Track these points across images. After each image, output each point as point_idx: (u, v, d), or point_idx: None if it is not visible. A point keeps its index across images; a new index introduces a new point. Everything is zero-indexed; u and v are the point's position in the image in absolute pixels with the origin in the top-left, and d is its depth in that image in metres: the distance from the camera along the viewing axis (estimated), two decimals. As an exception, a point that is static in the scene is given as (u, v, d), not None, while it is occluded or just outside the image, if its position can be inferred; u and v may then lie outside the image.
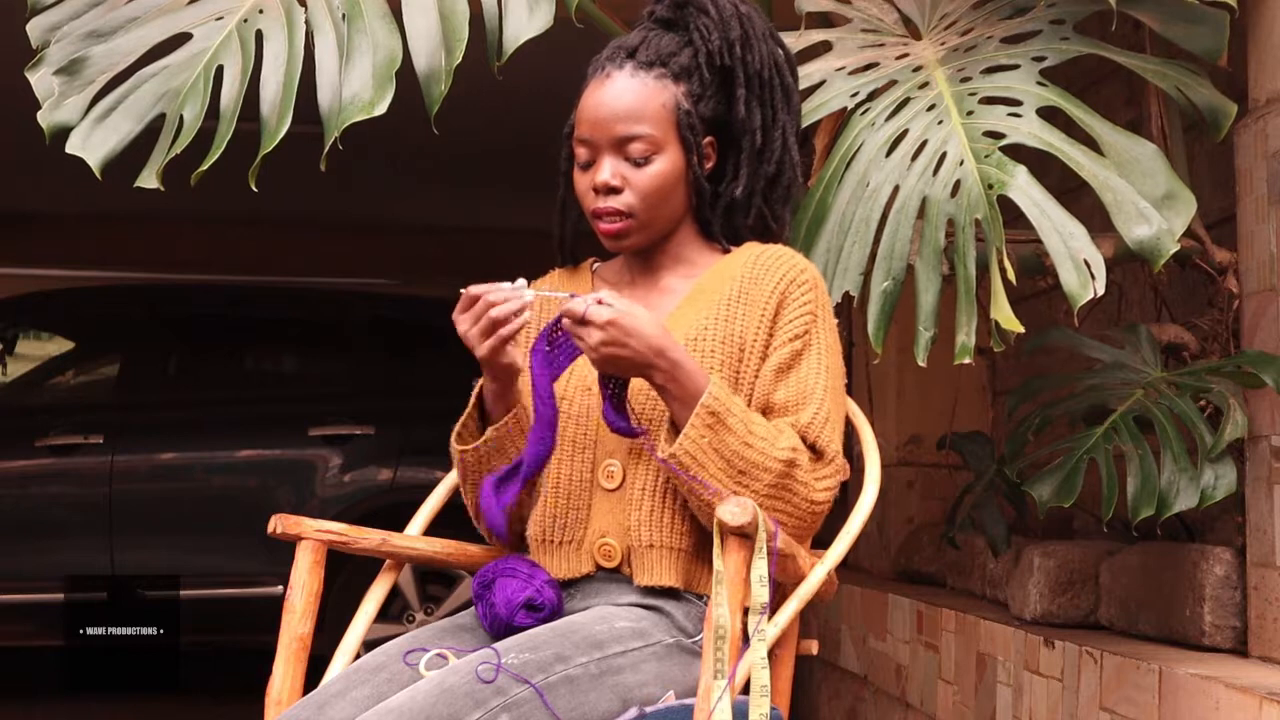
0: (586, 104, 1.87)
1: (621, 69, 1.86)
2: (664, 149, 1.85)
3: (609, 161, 1.85)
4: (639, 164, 1.84)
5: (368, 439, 5.59)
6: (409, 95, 2.26)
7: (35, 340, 6.96)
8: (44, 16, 2.37)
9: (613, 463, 1.83)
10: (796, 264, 1.87)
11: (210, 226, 8.89)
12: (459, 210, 8.70)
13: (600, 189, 1.85)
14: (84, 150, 2.25)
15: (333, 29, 2.31)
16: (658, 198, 1.85)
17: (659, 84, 1.85)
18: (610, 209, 1.85)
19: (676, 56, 1.87)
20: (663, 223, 1.89)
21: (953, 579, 3.81)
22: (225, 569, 5.43)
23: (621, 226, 1.86)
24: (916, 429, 4.52)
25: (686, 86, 1.86)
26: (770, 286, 1.84)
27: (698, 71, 1.87)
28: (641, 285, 1.94)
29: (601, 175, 1.85)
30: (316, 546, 1.91)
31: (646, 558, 1.78)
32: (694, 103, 1.86)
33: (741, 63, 1.89)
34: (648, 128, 1.84)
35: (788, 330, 1.82)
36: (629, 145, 1.84)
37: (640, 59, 1.86)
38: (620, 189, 1.85)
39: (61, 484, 5.51)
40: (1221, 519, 2.71)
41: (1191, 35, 2.35)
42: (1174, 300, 3.06)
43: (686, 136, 1.85)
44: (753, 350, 1.82)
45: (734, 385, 1.82)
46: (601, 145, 1.85)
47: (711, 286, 1.88)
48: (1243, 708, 2.17)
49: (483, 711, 1.58)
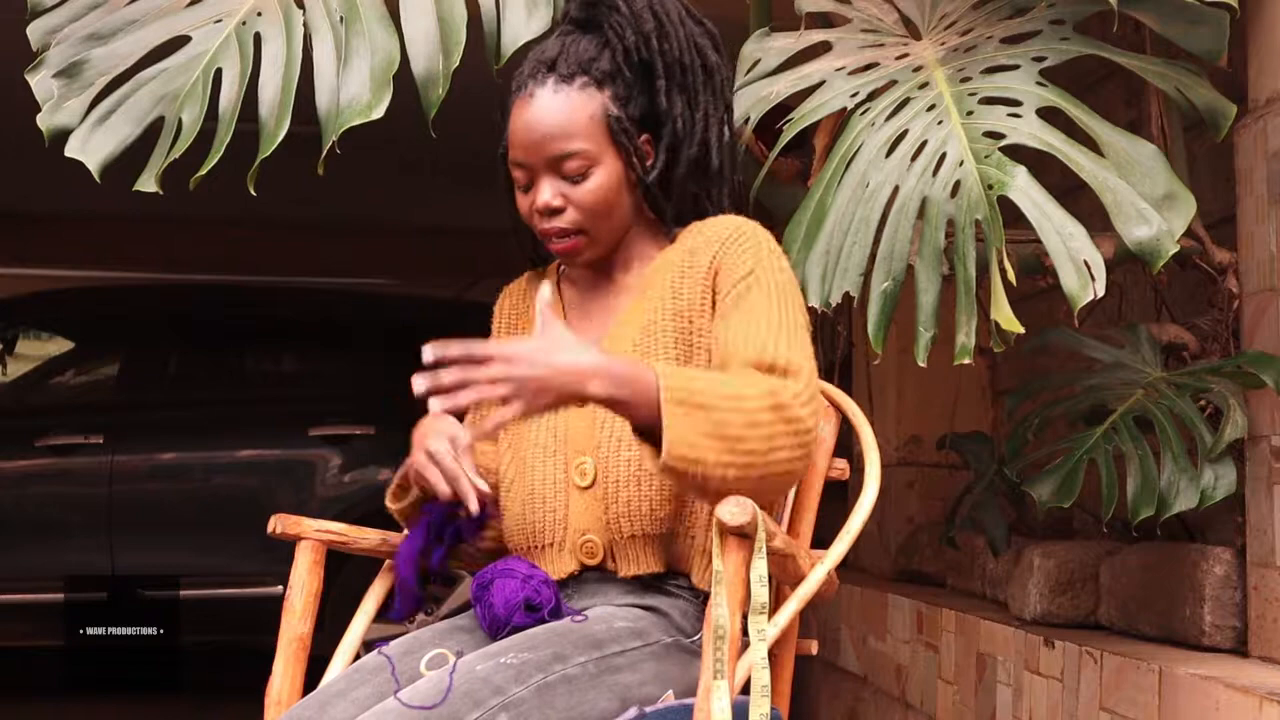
0: (515, 127, 1.83)
1: (544, 85, 1.82)
2: (600, 161, 1.82)
3: (547, 183, 1.82)
4: (577, 181, 1.82)
5: (368, 439, 5.60)
6: (407, 97, 2.26)
7: (35, 340, 6.96)
8: (44, 19, 2.37)
9: (584, 460, 1.82)
10: (732, 223, 1.84)
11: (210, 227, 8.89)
12: (459, 210, 8.70)
13: (542, 211, 1.83)
14: (83, 153, 2.25)
15: (330, 31, 2.31)
16: (602, 210, 1.83)
17: (584, 95, 1.82)
18: (556, 229, 1.83)
19: (597, 62, 1.84)
20: (614, 232, 1.87)
21: (953, 579, 3.81)
22: (225, 569, 5.44)
23: (572, 245, 1.84)
24: (916, 429, 4.51)
25: (612, 90, 1.83)
26: (710, 253, 1.82)
27: (619, 73, 1.84)
28: (601, 287, 1.94)
29: (542, 197, 1.82)
30: (316, 546, 1.92)
31: (630, 549, 1.79)
32: (622, 106, 1.84)
33: (659, 54, 1.86)
34: (580, 143, 1.81)
35: (729, 278, 1.80)
36: (564, 164, 1.81)
37: (561, 71, 1.82)
38: (562, 208, 1.82)
39: (61, 484, 5.51)
40: (1221, 519, 2.71)
41: (1191, 35, 2.35)
42: (1174, 300, 3.06)
43: (621, 143, 1.83)
44: (701, 315, 1.81)
45: (689, 353, 1.80)
46: (537, 167, 1.82)
47: (659, 273, 1.87)
48: (1243, 708, 2.17)
49: (481, 711, 1.58)
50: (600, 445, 1.82)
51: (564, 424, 1.85)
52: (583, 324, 1.93)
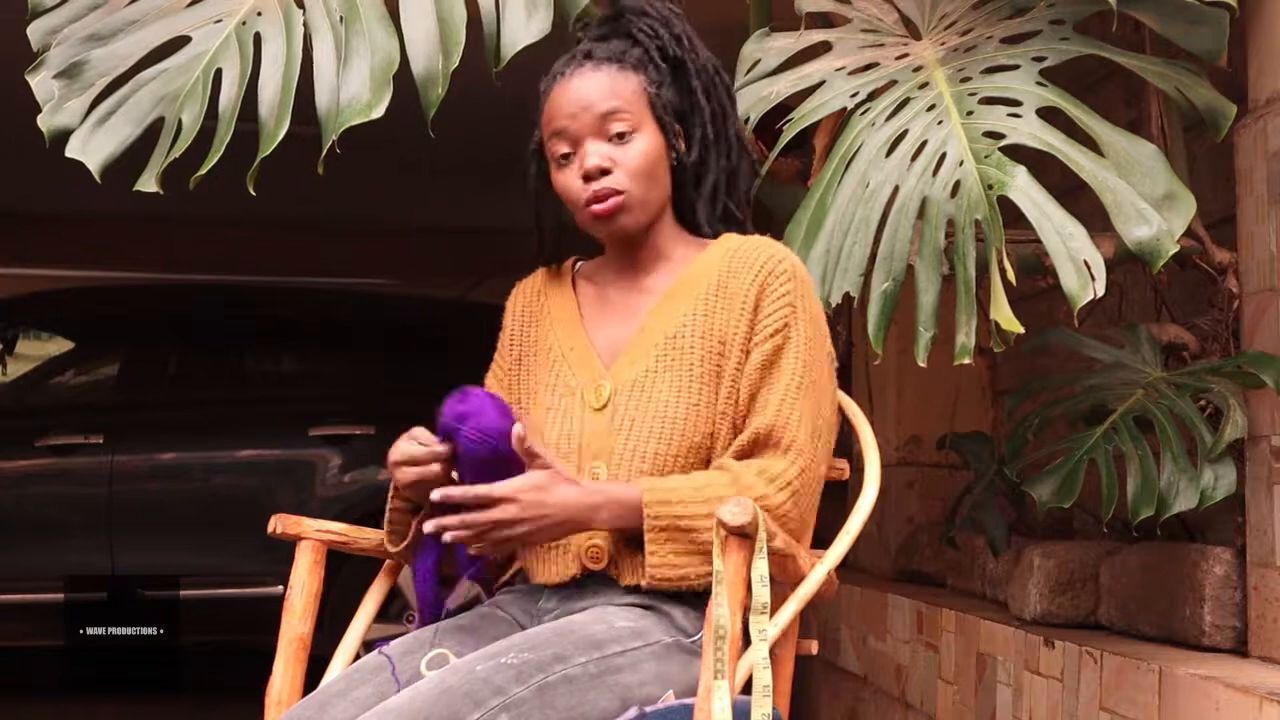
0: (558, 100, 1.87)
1: (582, 66, 1.88)
2: (642, 127, 1.86)
3: (592, 146, 1.85)
4: (623, 141, 1.85)
5: (368, 439, 5.59)
6: (407, 97, 2.26)
7: (35, 340, 6.96)
8: (44, 19, 2.38)
9: (598, 465, 1.82)
10: (774, 254, 1.87)
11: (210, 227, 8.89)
12: (459, 210, 8.70)
13: (591, 173, 1.85)
14: (84, 154, 2.25)
15: (330, 31, 2.31)
16: (646, 175, 1.86)
17: (622, 74, 1.87)
18: (604, 189, 1.85)
19: (629, 52, 1.89)
20: (653, 204, 1.89)
21: (953, 579, 3.81)
22: (225, 569, 5.43)
23: (615, 203, 1.85)
24: (916, 429, 4.51)
25: (646, 76, 1.88)
26: (748, 279, 1.84)
27: (651, 63, 1.89)
28: (623, 285, 1.94)
29: (590, 160, 1.85)
30: (316, 546, 1.92)
31: (636, 557, 1.78)
32: (656, 90, 1.88)
33: (691, 54, 1.92)
34: (626, 104, 1.85)
35: (767, 324, 1.82)
36: (610, 123, 1.85)
37: (597, 57, 1.88)
38: (610, 169, 1.85)
39: (61, 484, 5.51)
40: (1221, 519, 2.71)
41: (1191, 35, 2.35)
42: (1174, 300, 3.06)
43: (662, 117, 1.88)
44: (733, 345, 1.83)
45: (716, 382, 1.82)
46: (581, 133, 1.85)
47: (691, 282, 1.88)
48: (1243, 708, 2.17)
49: (482, 711, 1.58)
50: (615, 452, 1.82)
51: (579, 428, 1.85)
52: (601, 318, 1.94)
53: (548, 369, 1.93)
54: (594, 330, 1.93)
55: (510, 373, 1.99)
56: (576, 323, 1.94)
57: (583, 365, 1.90)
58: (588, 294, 1.97)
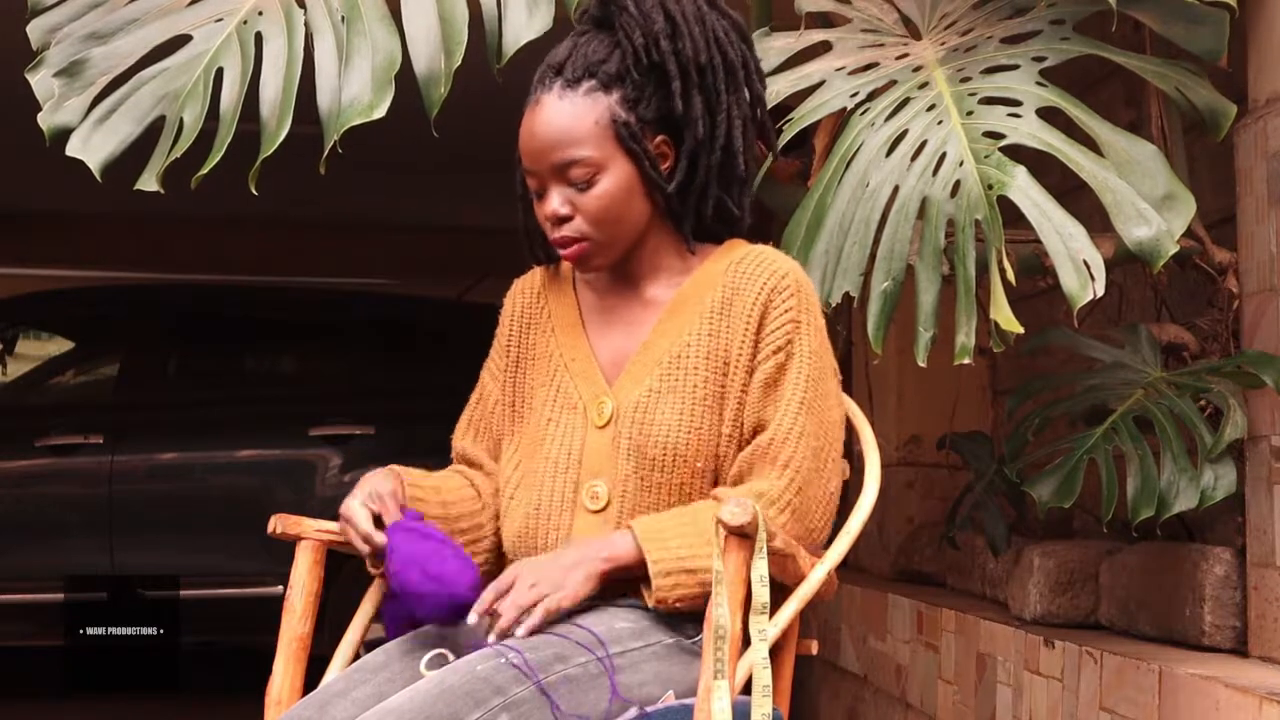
0: (522, 136, 1.83)
1: (550, 90, 1.80)
2: (607, 167, 1.79)
3: (555, 191, 1.81)
4: (583, 188, 1.80)
5: (368, 439, 5.60)
6: (408, 96, 2.26)
7: (35, 340, 6.97)
8: (44, 18, 2.37)
9: (598, 484, 1.81)
10: (778, 269, 1.82)
11: (210, 227, 8.89)
12: (459, 210, 8.70)
13: (551, 219, 1.82)
14: (84, 152, 2.25)
15: (332, 31, 2.31)
16: (609, 217, 1.81)
17: (589, 100, 1.79)
18: (564, 238, 1.82)
19: (605, 64, 1.80)
20: (625, 239, 1.84)
21: (953, 579, 3.81)
22: (225, 569, 5.44)
23: (578, 250, 1.82)
24: (916, 429, 4.52)
25: (620, 93, 1.80)
26: (752, 296, 1.81)
27: (628, 75, 1.80)
28: (624, 296, 1.90)
29: (550, 206, 1.81)
30: (316, 546, 1.92)
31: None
32: (631, 108, 1.80)
33: (672, 54, 1.81)
34: (584, 150, 1.78)
35: (771, 342, 1.79)
36: (569, 172, 1.79)
37: (568, 75, 1.80)
38: (570, 216, 1.81)
39: (61, 484, 5.51)
40: (1221, 519, 2.71)
41: (1191, 35, 2.35)
42: (1174, 300, 3.06)
43: (630, 147, 1.80)
44: (738, 366, 1.80)
45: (720, 404, 1.80)
46: (544, 175, 1.81)
47: (694, 296, 1.85)
48: (1243, 708, 2.17)
49: (483, 711, 1.58)
50: (617, 470, 1.80)
51: (581, 444, 1.83)
52: (604, 329, 1.90)
53: (548, 377, 1.90)
54: (596, 341, 1.89)
55: (506, 374, 1.96)
56: (579, 331, 1.91)
57: (585, 379, 1.87)
58: (589, 300, 1.93)
